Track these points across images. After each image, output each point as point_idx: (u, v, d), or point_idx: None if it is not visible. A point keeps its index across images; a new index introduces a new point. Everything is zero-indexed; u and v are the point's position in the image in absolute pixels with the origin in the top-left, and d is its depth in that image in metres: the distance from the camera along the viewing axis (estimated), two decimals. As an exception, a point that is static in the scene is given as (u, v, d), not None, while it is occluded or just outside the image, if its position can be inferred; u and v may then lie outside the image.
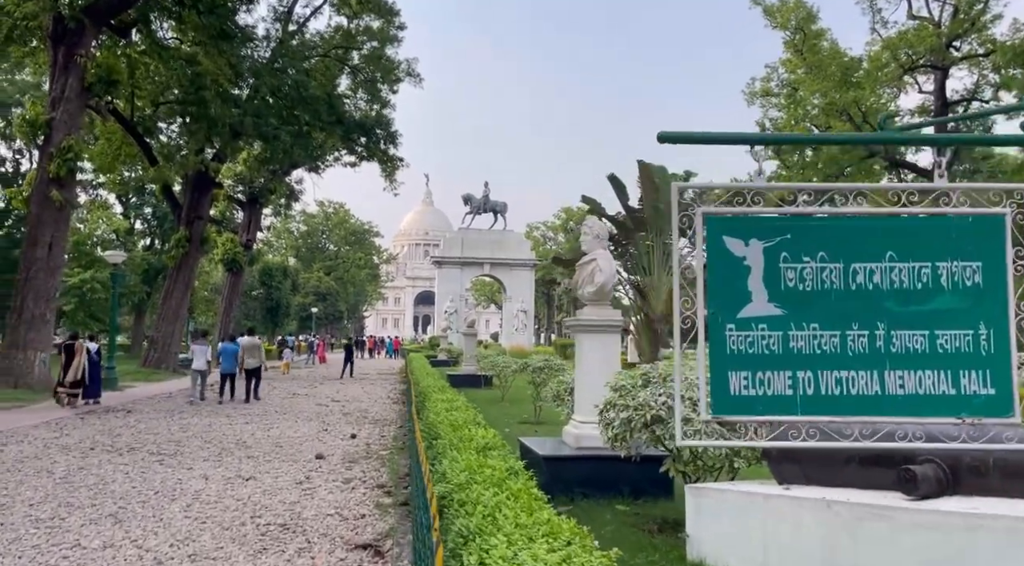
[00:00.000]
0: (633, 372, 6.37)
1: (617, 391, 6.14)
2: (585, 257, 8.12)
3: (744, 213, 4.37)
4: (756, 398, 4.04)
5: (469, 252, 61.18)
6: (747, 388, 4.05)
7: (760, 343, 4.11)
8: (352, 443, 12.13)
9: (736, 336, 4.14)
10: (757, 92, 45.13)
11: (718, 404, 4.12)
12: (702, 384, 4.23)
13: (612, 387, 6.26)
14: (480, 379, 23.53)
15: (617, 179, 20.88)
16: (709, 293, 4.28)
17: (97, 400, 17.64)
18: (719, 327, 4.18)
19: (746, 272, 4.26)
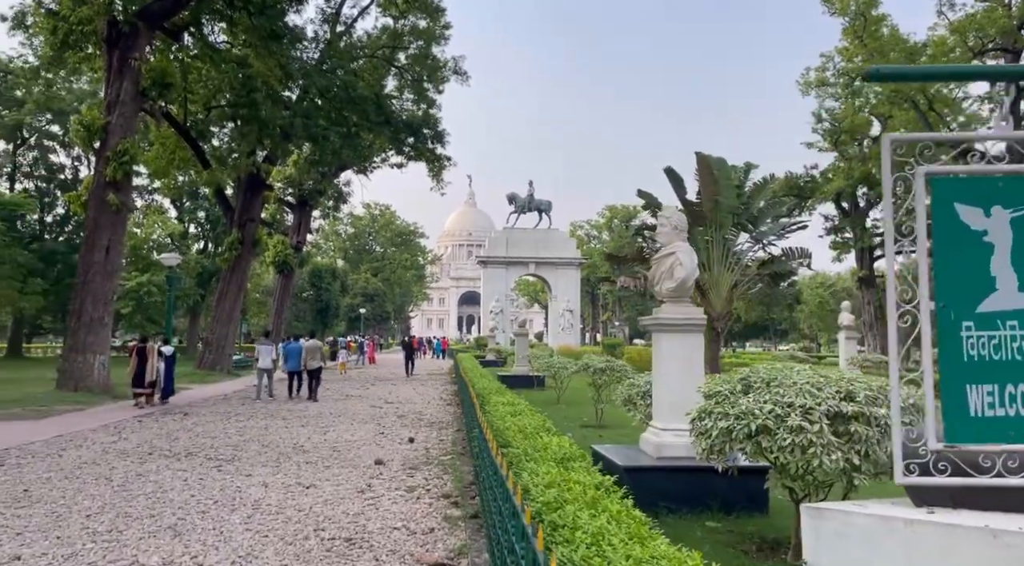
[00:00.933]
0: (728, 376, 5.78)
1: (712, 397, 5.56)
2: (663, 250, 7.55)
3: (984, 173, 3.45)
4: (1007, 420, 3.17)
5: (514, 251, 60.82)
6: (994, 407, 3.15)
7: (1010, 346, 3.25)
8: (410, 447, 11.74)
9: (976, 337, 3.29)
10: (812, 82, 43.81)
11: (954, 428, 3.27)
12: (929, 401, 3.39)
13: (705, 393, 5.68)
14: (533, 380, 23.07)
15: (674, 172, 20.11)
16: (936, 280, 3.42)
17: (166, 400, 18.54)
18: (952, 326, 3.31)
19: (987, 251, 3.40)
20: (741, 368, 19.96)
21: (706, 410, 5.50)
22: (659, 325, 7.30)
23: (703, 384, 5.86)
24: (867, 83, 38.49)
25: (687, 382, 7.23)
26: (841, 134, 40.00)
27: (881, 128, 41.33)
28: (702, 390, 5.74)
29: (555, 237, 62.29)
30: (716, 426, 5.31)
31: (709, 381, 5.79)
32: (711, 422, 5.37)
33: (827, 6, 34.59)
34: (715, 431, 5.30)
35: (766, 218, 21.35)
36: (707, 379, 5.86)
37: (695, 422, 5.61)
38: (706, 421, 5.44)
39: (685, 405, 7.13)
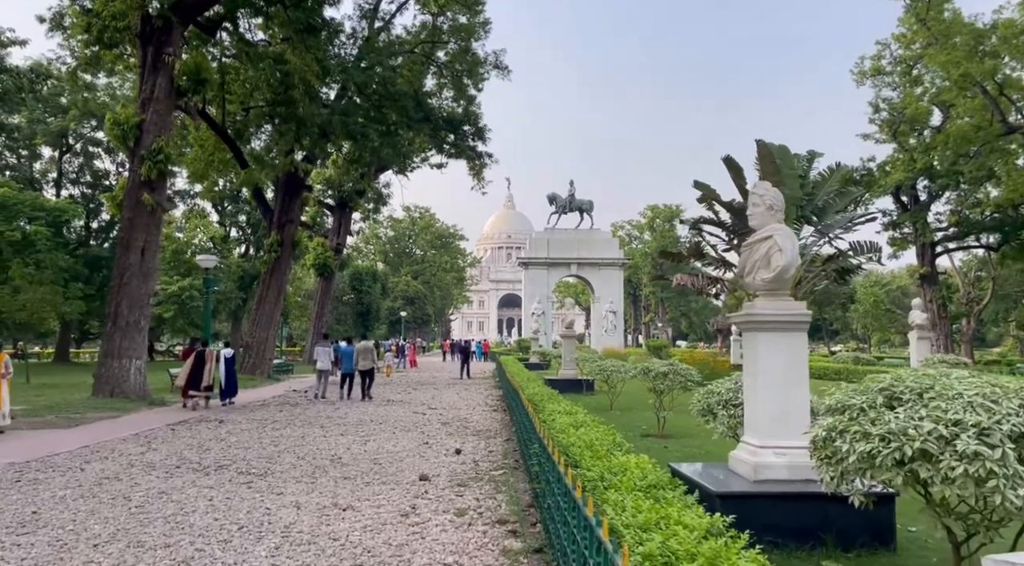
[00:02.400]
0: (863, 386, 4.62)
1: (845, 412, 4.41)
2: (756, 234, 6.40)
3: None
4: None
5: (556, 252, 59.67)
6: None
7: None
8: (457, 460, 10.73)
9: None
10: (867, 71, 41.87)
11: None
12: None
13: (833, 407, 4.53)
14: (582, 384, 21.95)
15: (733, 161, 18.80)
16: None
17: (232, 400, 19.09)
18: None
19: None
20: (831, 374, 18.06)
21: (837, 428, 4.35)
22: (754, 322, 6.15)
23: (831, 395, 4.70)
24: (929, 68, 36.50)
25: (790, 391, 6.08)
26: (901, 125, 37.98)
27: (943, 117, 39.24)
28: (829, 403, 4.59)
29: (597, 237, 60.92)
30: (853, 449, 4.16)
31: (840, 392, 4.64)
32: (845, 444, 4.22)
33: (887, -12, 32.74)
34: (852, 455, 4.15)
35: (832, 210, 19.89)
36: (838, 390, 4.70)
37: (820, 442, 4.47)
38: (838, 442, 4.29)
39: (788, 418, 6.00)
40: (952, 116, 36.32)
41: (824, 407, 4.71)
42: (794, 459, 5.95)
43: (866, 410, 4.31)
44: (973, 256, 54.27)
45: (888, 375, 4.70)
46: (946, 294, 41.23)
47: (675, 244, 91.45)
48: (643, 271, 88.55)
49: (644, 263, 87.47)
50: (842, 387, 4.83)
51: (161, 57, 19.27)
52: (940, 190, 37.97)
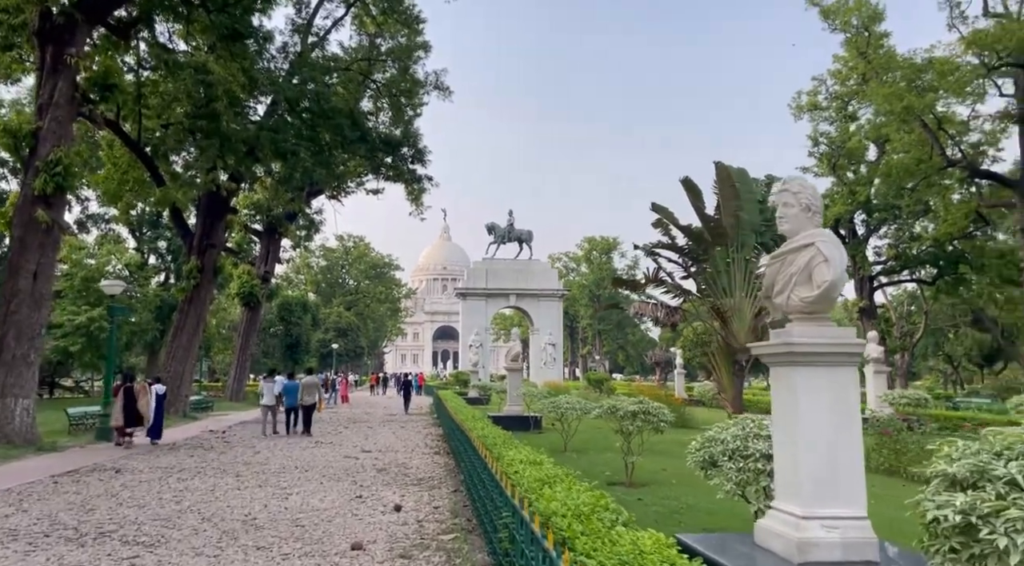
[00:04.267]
0: (991, 442, 3.29)
1: (984, 484, 3.04)
2: (790, 243, 5.06)
3: None
4: None
5: (494, 283, 58.36)
6: None
7: None
8: (397, 519, 9.01)
9: None
10: (804, 106, 42.43)
11: None
12: None
13: (958, 477, 3.17)
14: (529, 421, 20.43)
15: (692, 183, 17.86)
16: None
17: (157, 440, 18.21)
18: None
19: None
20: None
21: (980, 510, 2.97)
22: (791, 355, 4.78)
23: (944, 456, 3.34)
24: (865, 103, 37.03)
25: (839, 443, 4.71)
26: (839, 158, 38.37)
27: (878, 152, 39.89)
28: (949, 470, 3.22)
29: (536, 268, 59.96)
30: (1015, 545, 2.78)
31: (978, 443, 3.29)
32: (1002, 536, 2.84)
33: (827, 21, 33.10)
34: (1016, 554, 2.76)
35: (791, 237, 19.22)
36: (972, 443, 3.34)
37: (950, 530, 3.07)
38: (985, 531, 2.91)
39: (838, 480, 4.63)
40: (888, 151, 36.85)
41: (937, 475, 3.33)
42: (848, 534, 4.57)
43: (1022, 485, 2.96)
44: (903, 291, 55.49)
45: (988, 428, 3.40)
46: (884, 328, 41.59)
47: (611, 277, 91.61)
48: (580, 303, 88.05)
49: (581, 295, 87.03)
50: (953, 445, 3.48)
51: (62, 58, 17.15)
52: (878, 224, 38.36)
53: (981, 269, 33.62)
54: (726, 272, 17.80)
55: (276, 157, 26.11)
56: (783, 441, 4.97)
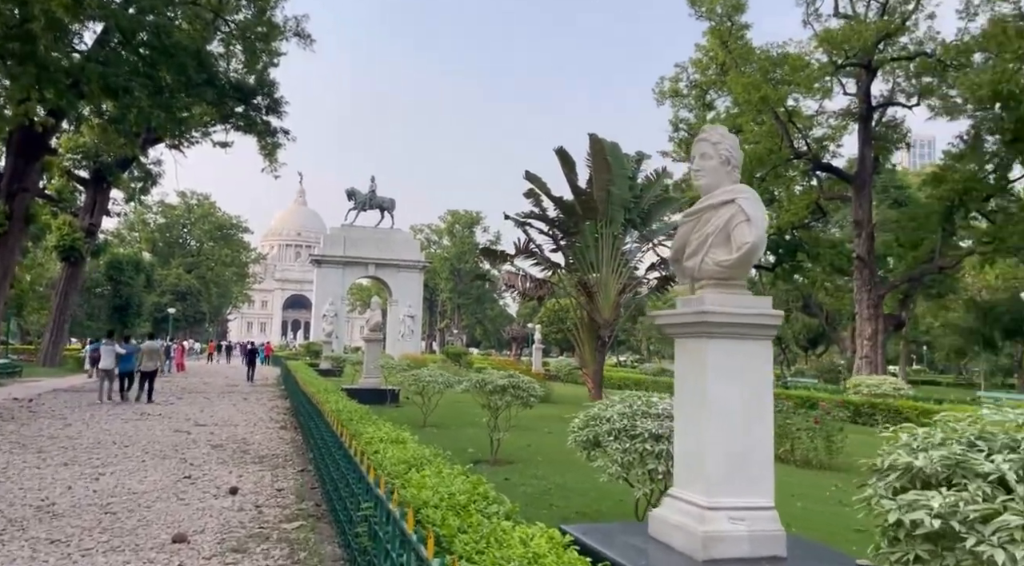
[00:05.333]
0: (960, 425, 2.80)
1: (955, 471, 2.53)
2: (706, 199, 4.45)
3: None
4: None
5: (353, 251, 56.14)
6: None
7: None
8: (233, 504, 7.83)
9: None
10: (666, 92, 43.54)
11: None
12: None
13: (947, 465, 2.65)
14: (386, 394, 19.42)
15: (566, 154, 17.44)
16: None
17: None
18: None
19: None
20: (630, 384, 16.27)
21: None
22: (703, 325, 4.19)
23: (925, 443, 2.81)
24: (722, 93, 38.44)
25: (751, 425, 4.19)
26: (696, 145, 39.71)
27: (731, 143, 41.65)
28: (925, 463, 2.69)
29: (398, 237, 58.31)
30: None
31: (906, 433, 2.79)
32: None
33: (694, 8, 33.86)
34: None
35: (657, 216, 19.28)
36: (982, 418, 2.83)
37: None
38: (977, 538, 2.39)
39: (748, 465, 4.12)
40: (741, 141, 38.50)
41: (895, 468, 2.79)
42: (756, 526, 4.07)
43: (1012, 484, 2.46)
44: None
45: (970, 415, 2.95)
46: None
47: (474, 251, 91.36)
48: (441, 276, 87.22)
49: (442, 268, 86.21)
50: (910, 433, 2.97)
51: None
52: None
53: (816, 258, 36.07)
54: (594, 247, 17.62)
55: (106, 94, 23.03)
56: (688, 421, 4.39)
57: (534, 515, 5.26)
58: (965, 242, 36.67)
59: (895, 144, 34.77)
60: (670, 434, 5.45)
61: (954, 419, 2.94)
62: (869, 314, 30.09)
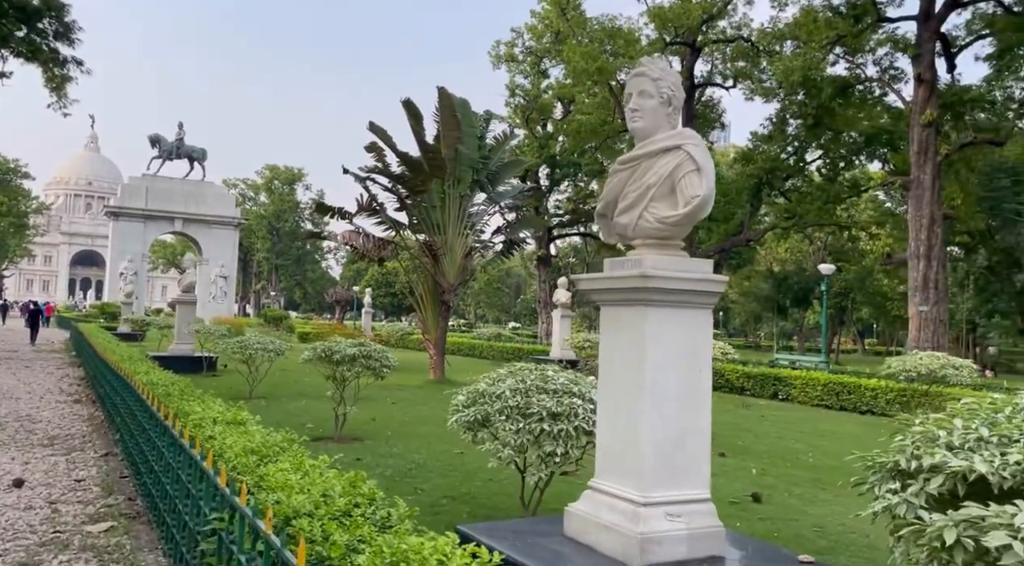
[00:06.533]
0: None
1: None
2: (647, 144, 3.83)
3: None
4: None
5: (156, 204, 50.85)
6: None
7: None
8: (19, 500, 6.31)
9: None
10: (502, 57, 43.25)
11: None
12: None
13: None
14: (201, 362, 17.54)
15: (413, 106, 16.29)
16: None
17: None
18: None
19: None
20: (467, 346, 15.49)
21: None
22: (645, 291, 3.60)
23: (966, 437, 2.38)
24: (555, 62, 38.69)
25: (691, 406, 3.70)
26: (532, 112, 39.84)
27: (563, 111, 42.27)
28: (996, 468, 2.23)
29: (209, 191, 53.58)
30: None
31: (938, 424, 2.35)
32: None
33: (535, -28, 33.54)
34: None
35: (504, 178, 18.77)
36: None
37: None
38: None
39: (686, 452, 3.65)
40: (573, 111, 39.15)
41: (936, 469, 2.34)
42: (694, 522, 3.60)
43: None
44: (568, 243, 60.79)
45: None
46: (557, 276, 44.96)
47: (295, 209, 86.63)
48: (257, 235, 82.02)
49: (259, 227, 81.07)
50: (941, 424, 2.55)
51: None
52: (560, 179, 40.84)
53: (637, 226, 37.76)
54: (441, 207, 16.81)
55: None
56: (618, 402, 3.81)
57: (392, 493, 4.53)
58: (766, 218, 40.03)
59: (712, 124, 36.91)
60: (569, 412, 4.91)
61: (989, 407, 2.55)
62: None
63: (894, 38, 28.06)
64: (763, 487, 7.56)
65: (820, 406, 16.50)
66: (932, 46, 24.79)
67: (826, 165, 34.26)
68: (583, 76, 30.68)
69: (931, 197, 23.11)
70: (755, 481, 7.92)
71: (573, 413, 4.90)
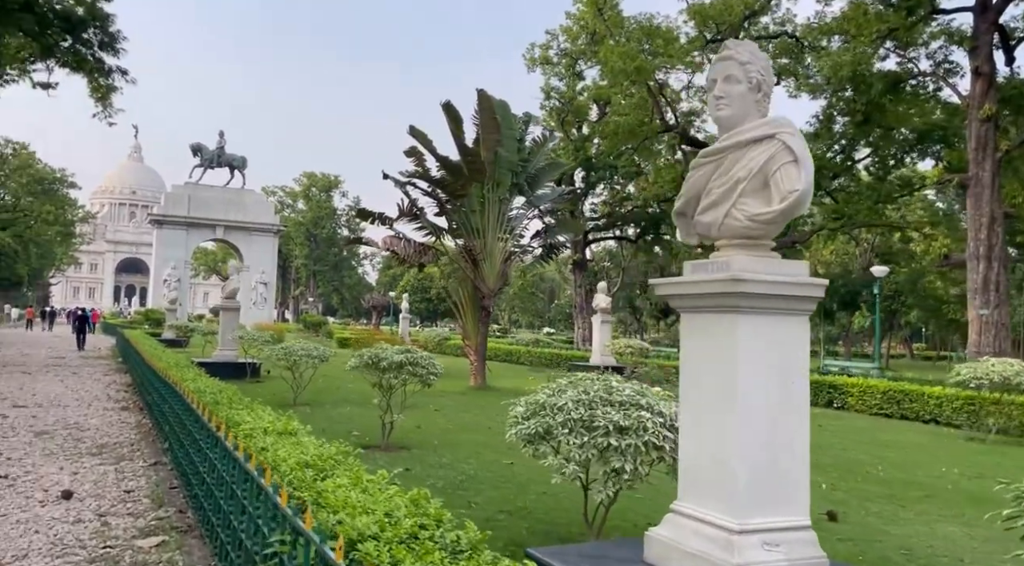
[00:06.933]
0: None
1: None
2: (734, 134, 3.52)
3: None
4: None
5: (199, 211, 51.75)
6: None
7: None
8: (67, 514, 6.20)
9: None
10: (537, 59, 43.02)
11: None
12: None
13: None
14: (245, 368, 17.58)
15: (453, 109, 16.13)
16: None
17: None
18: None
19: None
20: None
21: None
22: (737, 297, 3.28)
23: None
24: (591, 63, 38.32)
25: (786, 422, 3.37)
26: (567, 114, 39.52)
27: (599, 114, 41.85)
28: None
29: (249, 199, 54.36)
30: None
31: None
32: None
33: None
34: None
35: (544, 180, 18.49)
36: None
37: None
38: None
39: (783, 473, 3.30)
40: (609, 113, 38.73)
41: None
42: (795, 551, 3.27)
43: None
44: (602, 247, 60.26)
45: None
46: (593, 281, 44.48)
47: (332, 216, 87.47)
48: (295, 242, 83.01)
49: (297, 233, 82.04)
50: None
51: None
52: (597, 182, 40.41)
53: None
54: (480, 211, 16.59)
55: None
56: (705, 418, 3.49)
57: (455, 518, 4.27)
58: (810, 220, 39.10)
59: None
60: (638, 426, 4.60)
61: None
62: (727, 286, 31.15)
63: (949, 30, 27.11)
64: (835, 503, 7.14)
65: (879, 415, 15.85)
66: (990, 38, 23.87)
67: (875, 163, 33.23)
68: (620, 76, 30.25)
69: (991, 195, 22.20)
70: (826, 496, 7.49)
71: (642, 427, 4.59)
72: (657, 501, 6.88)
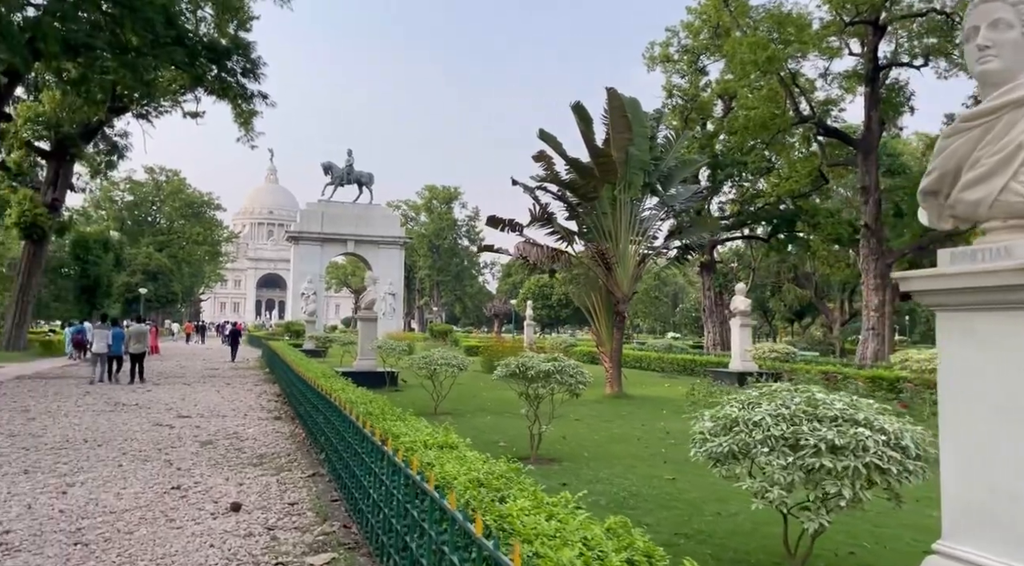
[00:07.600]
0: None
1: None
2: (1007, 92, 2.92)
3: None
4: None
5: (331, 227, 54.18)
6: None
7: None
8: (237, 527, 6.27)
9: None
10: (657, 58, 41.97)
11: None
12: None
13: None
14: (384, 377, 17.90)
15: (583, 109, 15.80)
16: None
17: None
18: None
19: None
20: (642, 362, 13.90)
21: None
22: (1016, 290, 2.70)
23: None
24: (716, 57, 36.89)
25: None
26: (691, 112, 38.26)
27: (724, 110, 40.27)
28: None
29: (377, 213, 56.37)
30: None
31: None
32: None
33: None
34: None
35: (677, 179, 17.78)
36: None
37: None
38: None
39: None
40: (735, 107, 37.15)
41: None
42: None
43: None
44: (729, 248, 57.97)
45: None
46: (722, 283, 42.81)
47: (453, 227, 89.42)
48: (419, 253, 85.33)
49: (421, 245, 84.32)
50: None
51: None
52: (724, 180, 38.86)
53: (816, 227, 34.92)
54: (612, 214, 16.10)
55: (66, 53, 20.97)
56: (979, 442, 2.91)
57: (635, 532, 3.83)
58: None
59: (898, 108, 33.55)
60: (855, 445, 4.01)
61: None
62: (876, 284, 28.97)
63: None
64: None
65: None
66: None
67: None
68: (749, 68, 28.85)
69: None
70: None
71: (861, 447, 4.00)
72: (853, 524, 6.18)
